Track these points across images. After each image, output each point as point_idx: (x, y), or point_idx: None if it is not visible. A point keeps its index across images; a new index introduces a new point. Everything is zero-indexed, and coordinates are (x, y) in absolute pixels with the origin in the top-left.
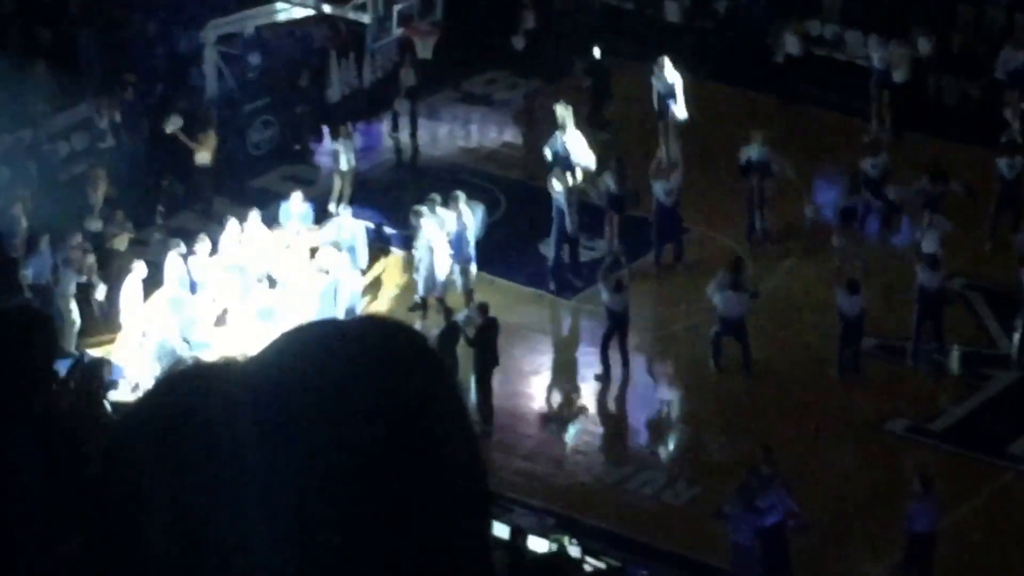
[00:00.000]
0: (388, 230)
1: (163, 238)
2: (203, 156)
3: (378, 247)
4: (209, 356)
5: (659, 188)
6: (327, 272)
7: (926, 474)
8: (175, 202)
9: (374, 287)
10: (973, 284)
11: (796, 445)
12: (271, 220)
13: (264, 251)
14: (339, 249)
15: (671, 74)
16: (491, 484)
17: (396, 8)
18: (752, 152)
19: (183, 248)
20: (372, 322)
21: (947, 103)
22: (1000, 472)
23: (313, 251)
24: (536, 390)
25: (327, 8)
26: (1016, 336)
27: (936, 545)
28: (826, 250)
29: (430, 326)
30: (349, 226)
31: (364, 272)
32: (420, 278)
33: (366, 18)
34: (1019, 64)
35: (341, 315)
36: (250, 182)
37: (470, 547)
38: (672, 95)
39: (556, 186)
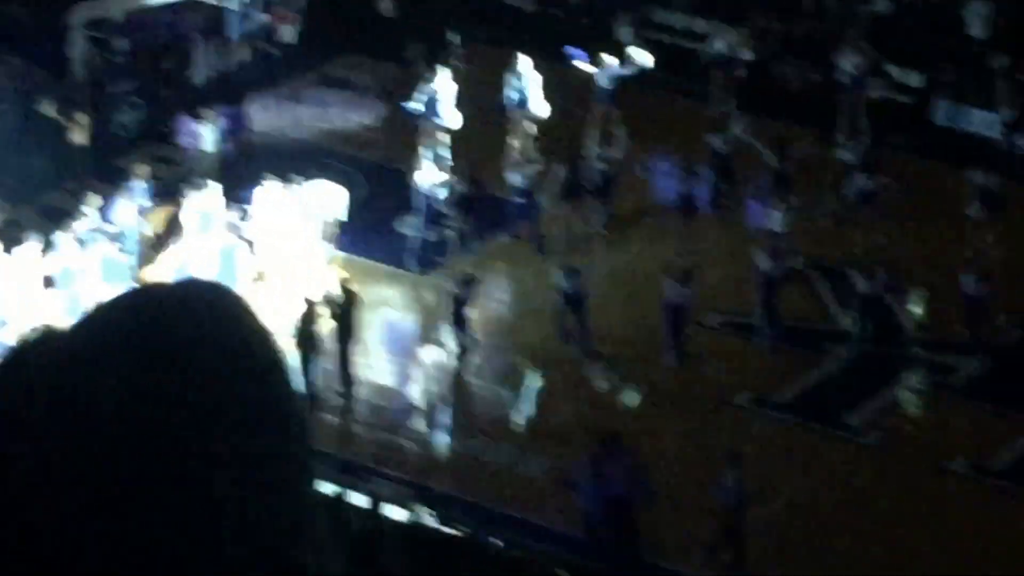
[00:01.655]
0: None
1: (35, 217)
2: (78, 136)
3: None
4: None
5: (518, 176)
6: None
7: (732, 450)
8: (47, 181)
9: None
10: (814, 262)
11: (645, 417)
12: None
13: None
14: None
15: (528, 72)
16: (314, 445)
17: None
18: None
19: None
20: (193, 287)
21: (789, 87)
22: (841, 442)
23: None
24: (396, 364)
25: None
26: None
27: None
28: (671, 232)
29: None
30: (206, 202)
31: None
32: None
33: (231, 4)
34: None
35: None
36: (116, 162)
37: (288, 505)
38: (525, 92)
39: (424, 175)
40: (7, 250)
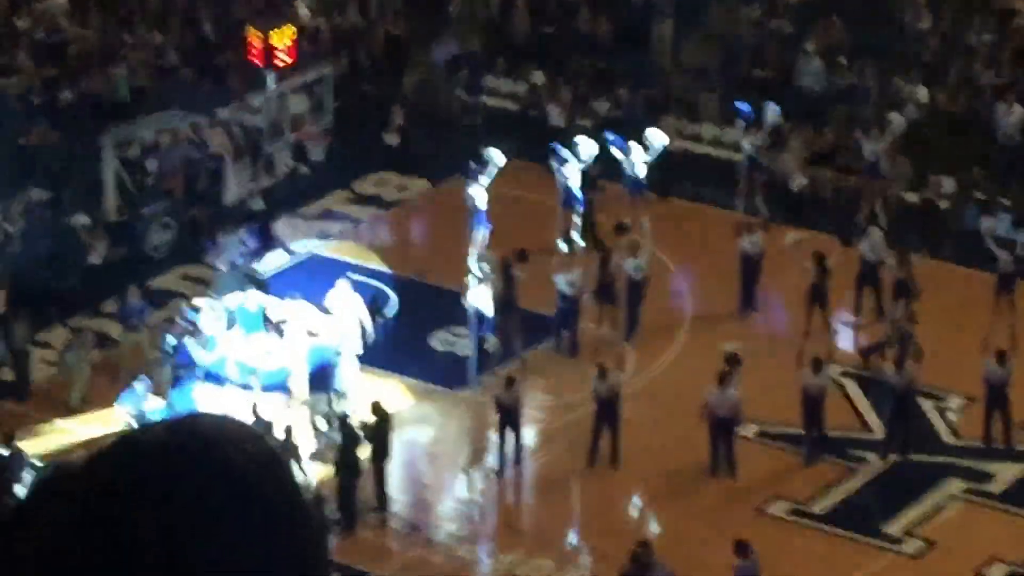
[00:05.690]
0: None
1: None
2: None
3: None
4: None
5: (561, 280)
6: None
7: (741, 540)
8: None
9: None
10: (848, 371)
11: (681, 532)
12: None
13: None
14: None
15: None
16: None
17: (289, 112)
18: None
19: None
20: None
21: (820, 195)
22: (877, 552)
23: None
24: (431, 481)
25: (222, 113)
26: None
27: None
28: (711, 341)
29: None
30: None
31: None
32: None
33: (261, 122)
34: (874, 155)
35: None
36: (150, 282)
37: None
38: (573, 191)
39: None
40: None
